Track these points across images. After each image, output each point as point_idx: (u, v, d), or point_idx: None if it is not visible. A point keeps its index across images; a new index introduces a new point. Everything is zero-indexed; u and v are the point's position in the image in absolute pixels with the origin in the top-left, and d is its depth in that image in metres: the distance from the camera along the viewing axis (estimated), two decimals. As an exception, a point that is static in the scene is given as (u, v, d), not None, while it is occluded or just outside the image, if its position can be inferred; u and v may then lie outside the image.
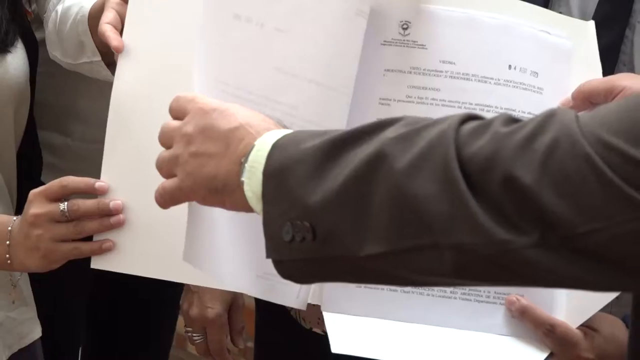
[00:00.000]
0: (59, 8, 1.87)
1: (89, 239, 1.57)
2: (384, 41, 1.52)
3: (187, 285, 2.02)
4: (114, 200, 1.54)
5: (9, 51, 1.84)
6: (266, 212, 1.13)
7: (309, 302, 1.52)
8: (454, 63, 1.51)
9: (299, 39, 1.49)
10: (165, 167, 1.24)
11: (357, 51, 1.50)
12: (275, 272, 1.16)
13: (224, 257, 1.44)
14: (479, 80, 1.51)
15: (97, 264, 1.55)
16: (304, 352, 1.97)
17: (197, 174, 1.21)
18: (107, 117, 1.56)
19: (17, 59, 1.86)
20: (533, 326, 1.47)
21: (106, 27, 1.55)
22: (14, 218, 1.64)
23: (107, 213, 1.55)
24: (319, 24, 1.49)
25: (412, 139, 1.05)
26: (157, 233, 1.53)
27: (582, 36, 1.56)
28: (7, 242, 1.62)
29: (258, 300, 2.04)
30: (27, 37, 1.92)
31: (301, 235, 1.10)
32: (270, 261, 1.16)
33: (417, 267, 1.06)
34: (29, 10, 2.00)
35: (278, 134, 1.16)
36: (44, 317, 1.99)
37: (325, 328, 1.50)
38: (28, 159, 1.95)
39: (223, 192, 1.20)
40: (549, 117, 1.02)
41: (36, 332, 1.94)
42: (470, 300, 1.50)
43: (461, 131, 1.04)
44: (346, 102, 1.51)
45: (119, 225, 1.54)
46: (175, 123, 1.25)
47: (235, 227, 1.40)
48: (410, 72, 1.51)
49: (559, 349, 1.48)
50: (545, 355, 1.49)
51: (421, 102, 1.51)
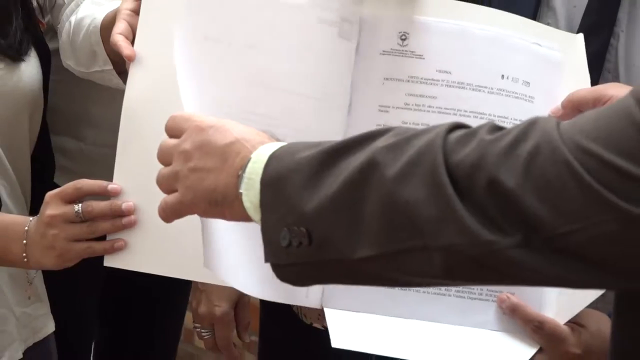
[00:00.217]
0: (73, 19, 1.88)
1: (101, 238, 1.59)
2: (383, 51, 1.53)
3: (196, 284, 2.05)
4: (126, 202, 1.55)
5: (23, 60, 1.86)
6: (264, 219, 1.15)
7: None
8: (449, 72, 1.53)
9: (268, 52, 1.51)
10: (165, 183, 1.26)
11: (332, 59, 1.52)
12: None
13: (237, 262, 1.46)
14: (473, 89, 1.53)
15: (109, 262, 1.57)
16: (305, 346, 1.99)
17: (197, 188, 1.22)
18: (118, 122, 1.57)
19: (30, 67, 1.87)
20: (523, 323, 1.49)
21: (118, 37, 1.56)
22: (31, 218, 1.66)
23: (119, 214, 1.56)
24: (285, 37, 1.52)
25: (402, 148, 1.07)
26: (167, 233, 1.51)
27: (572, 48, 1.57)
28: (24, 241, 1.64)
29: None
30: (40, 46, 1.93)
31: (298, 241, 1.11)
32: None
33: (408, 269, 1.08)
34: (42, 21, 2.01)
35: (273, 146, 1.17)
36: (57, 313, 2.00)
37: (325, 323, 1.51)
38: (41, 163, 1.97)
39: (223, 204, 1.21)
40: (531, 124, 1.03)
41: (50, 327, 1.96)
42: (464, 297, 1.51)
43: (448, 139, 1.05)
44: (337, 108, 1.52)
45: (131, 225, 1.55)
46: (173, 141, 1.26)
47: (242, 234, 1.41)
48: (408, 81, 1.53)
49: (548, 345, 1.49)
50: (534, 350, 1.50)
51: (418, 109, 1.52)
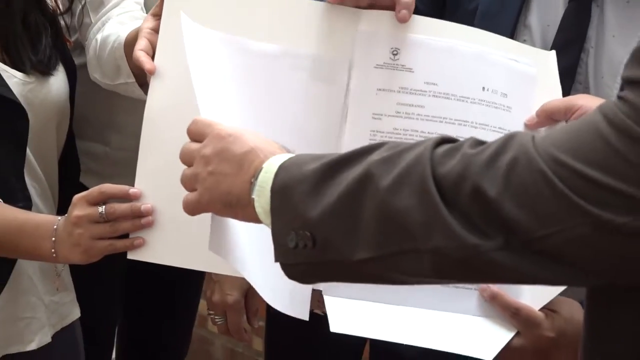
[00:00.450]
0: (99, 36, 1.90)
1: (123, 236, 1.62)
2: (377, 65, 1.54)
3: (209, 276, 2.07)
4: (145, 204, 1.58)
5: (52, 74, 1.90)
6: (274, 224, 1.18)
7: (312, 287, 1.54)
8: (436, 84, 1.54)
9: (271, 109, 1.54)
10: (187, 183, 1.30)
11: (314, 103, 1.54)
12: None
13: (244, 253, 1.46)
14: (457, 99, 1.54)
15: (132, 255, 1.59)
16: (307, 330, 1.92)
17: (214, 190, 1.25)
18: (139, 128, 1.59)
19: (58, 80, 1.91)
20: (502, 309, 1.51)
21: (140, 53, 1.58)
22: (59, 218, 1.69)
23: (139, 215, 1.58)
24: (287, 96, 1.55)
25: (394, 161, 1.10)
26: (184, 229, 1.54)
27: (545, 64, 1.59)
28: (53, 238, 1.67)
29: None
30: (67, 62, 1.97)
31: (303, 243, 1.14)
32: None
33: (401, 269, 1.11)
34: (69, 39, 2.03)
35: (283, 157, 1.21)
36: (83, 301, 2.05)
37: (324, 310, 1.53)
38: (68, 166, 2.00)
39: (236, 207, 1.25)
40: (509, 138, 1.07)
41: (75, 313, 2.01)
42: (449, 286, 1.52)
43: (435, 153, 1.09)
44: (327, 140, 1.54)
45: (149, 225, 1.58)
46: (195, 145, 1.29)
47: (251, 231, 1.40)
48: (399, 91, 1.54)
49: (524, 329, 1.51)
50: (512, 333, 1.52)
51: (408, 117, 1.53)
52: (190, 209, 1.30)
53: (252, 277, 1.46)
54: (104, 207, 1.62)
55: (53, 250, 1.68)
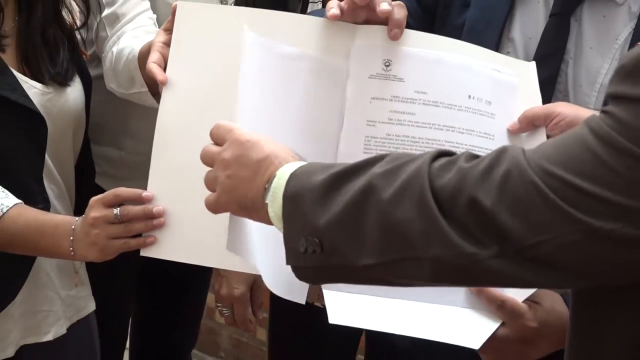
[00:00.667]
0: (115, 49, 1.95)
1: (137, 235, 1.65)
2: (370, 75, 1.56)
3: (217, 270, 2.11)
4: (157, 206, 1.60)
5: (69, 85, 1.93)
6: (285, 229, 1.21)
7: None
8: (426, 93, 1.55)
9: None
10: (209, 184, 1.33)
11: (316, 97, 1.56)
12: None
13: (255, 244, 1.47)
14: (445, 107, 1.56)
15: (145, 252, 1.61)
16: (307, 322, 2.03)
17: (231, 193, 1.29)
18: (152, 134, 1.60)
19: (75, 91, 1.94)
20: (488, 301, 1.52)
21: (152, 65, 1.61)
22: (77, 219, 1.72)
23: (151, 216, 1.61)
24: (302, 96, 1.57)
25: (395, 174, 1.13)
26: (193, 228, 1.57)
27: (526, 74, 1.61)
28: (71, 238, 1.70)
29: None
30: (83, 73, 2.00)
31: (312, 248, 1.17)
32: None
33: (402, 274, 1.14)
34: (85, 52, 2.06)
35: (295, 165, 1.24)
36: (98, 295, 2.08)
37: (323, 302, 1.54)
38: (83, 170, 2.03)
39: (251, 209, 1.28)
40: (501, 152, 1.10)
41: (91, 306, 2.05)
42: None
43: (433, 166, 1.11)
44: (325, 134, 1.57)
45: (161, 226, 1.60)
46: (216, 148, 1.32)
47: (266, 232, 1.40)
48: (391, 100, 1.55)
49: (509, 320, 1.52)
50: (498, 324, 1.52)
51: (400, 124, 1.55)
52: (211, 208, 1.34)
53: (259, 264, 1.48)
54: (118, 209, 1.65)
55: (71, 248, 1.71)
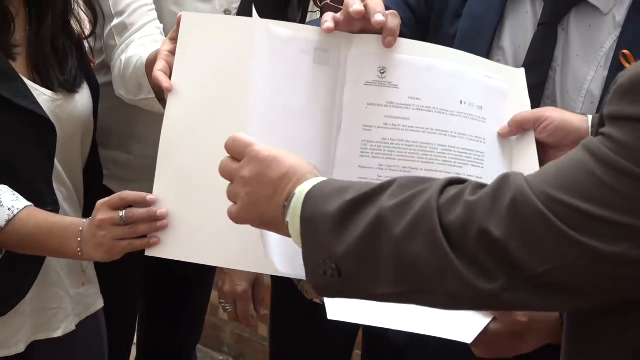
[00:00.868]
0: (123, 57, 1.98)
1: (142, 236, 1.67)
2: (366, 82, 1.57)
3: (221, 268, 2.10)
4: (160, 209, 1.61)
5: (77, 92, 1.96)
6: (304, 249, 1.22)
7: None
8: (419, 99, 1.57)
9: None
10: (230, 197, 1.33)
11: (313, 82, 1.55)
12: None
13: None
14: (438, 112, 1.57)
15: (150, 252, 1.63)
16: (307, 317, 2.08)
17: (251, 209, 1.29)
18: (158, 138, 1.61)
19: (83, 97, 1.97)
20: None
21: (158, 73, 1.62)
22: (84, 220, 1.75)
23: (155, 219, 1.62)
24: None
25: (405, 209, 1.13)
26: (197, 229, 1.58)
27: (515, 80, 1.64)
28: (79, 239, 1.73)
29: (274, 279, 2.19)
30: (91, 80, 2.03)
31: (330, 272, 1.18)
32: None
33: (418, 302, 1.18)
34: (93, 60, 2.09)
35: (312, 183, 1.24)
36: (106, 292, 2.10)
37: (322, 299, 1.57)
38: (92, 173, 2.06)
39: (272, 226, 1.29)
40: (504, 180, 1.11)
41: (99, 304, 2.08)
42: None
43: (441, 200, 1.12)
44: (326, 120, 1.57)
45: (164, 227, 1.61)
46: (234, 165, 1.31)
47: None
48: (386, 105, 1.56)
49: (500, 315, 1.54)
50: (489, 319, 1.55)
51: (395, 128, 1.56)
52: (233, 219, 1.34)
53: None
54: (124, 211, 1.67)
55: (79, 249, 1.73)
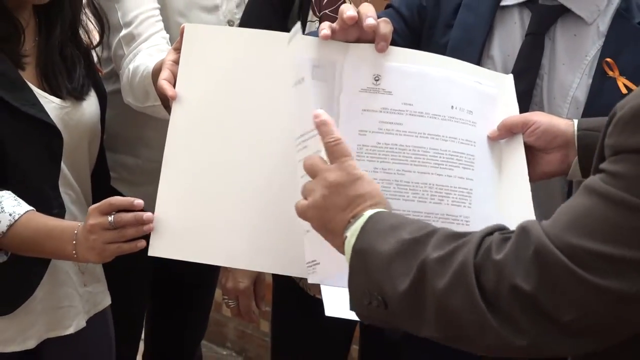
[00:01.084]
0: (131, 66, 2.02)
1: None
2: (362, 89, 1.57)
3: (224, 266, 2.14)
4: (147, 213, 1.62)
5: (85, 99, 1.99)
6: (350, 278, 1.25)
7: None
8: (412, 104, 1.57)
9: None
10: (304, 192, 1.36)
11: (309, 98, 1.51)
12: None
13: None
14: (430, 117, 1.57)
15: (152, 252, 1.60)
16: (306, 314, 2.10)
17: (319, 212, 1.32)
18: (165, 143, 1.61)
19: (91, 105, 2.01)
20: None
21: (163, 81, 1.63)
22: (79, 224, 1.78)
23: (142, 223, 1.65)
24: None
25: (446, 263, 1.17)
26: (199, 230, 1.59)
27: (504, 86, 1.66)
28: (74, 242, 1.76)
29: (275, 276, 2.21)
30: (98, 88, 2.06)
31: (376, 303, 1.21)
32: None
33: (459, 346, 1.20)
34: (101, 69, 2.11)
35: (371, 213, 1.27)
36: (114, 290, 2.13)
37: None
38: (99, 177, 2.09)
39: (331, 234, 1.32)
40: (523, 234, 1.14)
41: (107, 301, 2.13)
42: None
43: (477, 258, 1.16)
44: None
45: (150, 230, 1.60)
46: (323, 165, 1.34)
47: None
48: (380, 111, 1.57)
49: None
50: None
51: (389, 133, 1.56)
52: (298, 213, 1.37)
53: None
54: (113, 216, 1.70)
55: (74, 252, 1.77)
